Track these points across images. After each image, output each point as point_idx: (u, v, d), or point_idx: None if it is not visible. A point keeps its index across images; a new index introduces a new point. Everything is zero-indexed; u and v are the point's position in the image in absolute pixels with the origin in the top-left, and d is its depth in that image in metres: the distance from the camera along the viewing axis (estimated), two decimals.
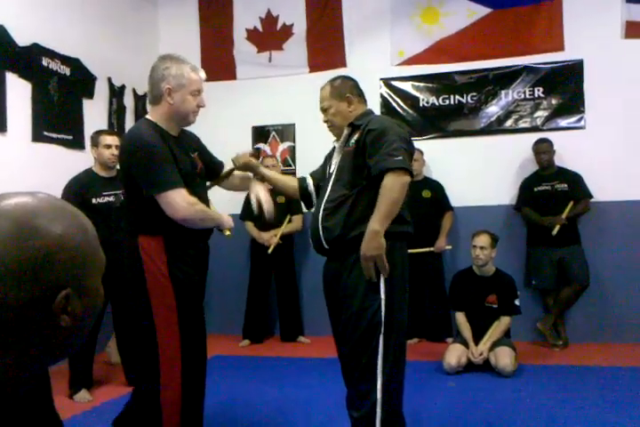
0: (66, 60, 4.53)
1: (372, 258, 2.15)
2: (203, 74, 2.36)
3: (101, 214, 3.45)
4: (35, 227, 0.73)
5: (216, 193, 2.72)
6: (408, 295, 2.33)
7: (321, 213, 2.34)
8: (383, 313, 2.20)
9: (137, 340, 2.33)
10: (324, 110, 2.49)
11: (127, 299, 2.47)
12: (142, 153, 2.18)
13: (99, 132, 3.76)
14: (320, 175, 2.60)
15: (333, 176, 2.39)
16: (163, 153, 2.19)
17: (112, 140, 3.64)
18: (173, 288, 2.21)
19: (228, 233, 2.37)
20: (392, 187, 2.16)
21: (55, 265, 0.73)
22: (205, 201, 2.40)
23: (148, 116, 2.35)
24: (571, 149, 4.88)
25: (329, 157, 2.56)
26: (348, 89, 2.46)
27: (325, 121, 2.51)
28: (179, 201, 2.15)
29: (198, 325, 2.34)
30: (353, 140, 2.35)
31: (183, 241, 2.27)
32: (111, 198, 3.59)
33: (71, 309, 0.75)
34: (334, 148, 2.52)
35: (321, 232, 2.32)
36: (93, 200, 3.53)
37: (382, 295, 2.21)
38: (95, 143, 3.69)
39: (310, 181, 2.65)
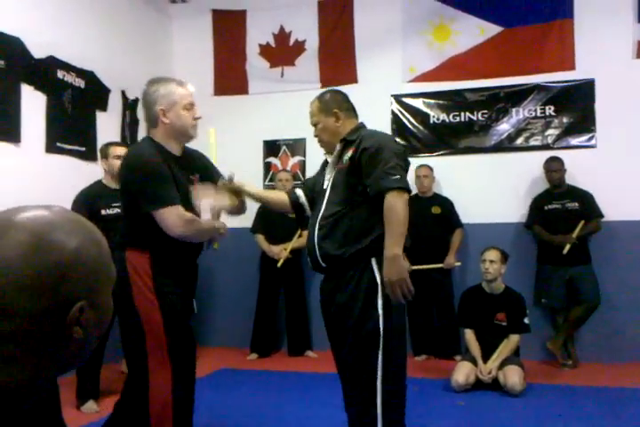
0: (81, 72, 4.59)
1: (398, 282, 2.10)
2: (191, 87, 2.39)
3: (110, 225, 3.45)
4: (52, 241, 0.74)
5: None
6: (406, 310, 2.34)
7: (316, 232, 2.31)
8: (382, 328, 2.20)
9: (127, 351, 2.35)
10: (313, 125, 2.47)
11: (117, 311, 2.49)
12: (141, 170, 2.23)
13: (108, 144, 3.80)
14: (312, 186, 2.53)
15: (327, 193, 2.35)
16: (161, 171, 2.23)
17: (122, 151, 3.64)
18: (159, 302, 2.22)
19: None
20: (396, 207, 2.15)
21: (71, 278, 0.74)
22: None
23: (150, 135, 2.40)
24: (581, 168, 4.87)
25: (322, 171, 2.51)
26: (335, 104, 2.42)
27: (315, 136, 2.49)
28: (174, 218, 2.18)
29: (186, 340, 2.31)
30: (347, 157, 2.31)
31: (171, 257, 2.29)
32: (120, 210, 3.60)
33: (84, 321, 0.75)
34: (326, 160, 2.49)
35: (317, 250, 2.30)
36: (103, 211, 3.56)
37: (380, 311, 2.20)
38: (105, 155, 3.72)
39: (301, 193, 2.57)
